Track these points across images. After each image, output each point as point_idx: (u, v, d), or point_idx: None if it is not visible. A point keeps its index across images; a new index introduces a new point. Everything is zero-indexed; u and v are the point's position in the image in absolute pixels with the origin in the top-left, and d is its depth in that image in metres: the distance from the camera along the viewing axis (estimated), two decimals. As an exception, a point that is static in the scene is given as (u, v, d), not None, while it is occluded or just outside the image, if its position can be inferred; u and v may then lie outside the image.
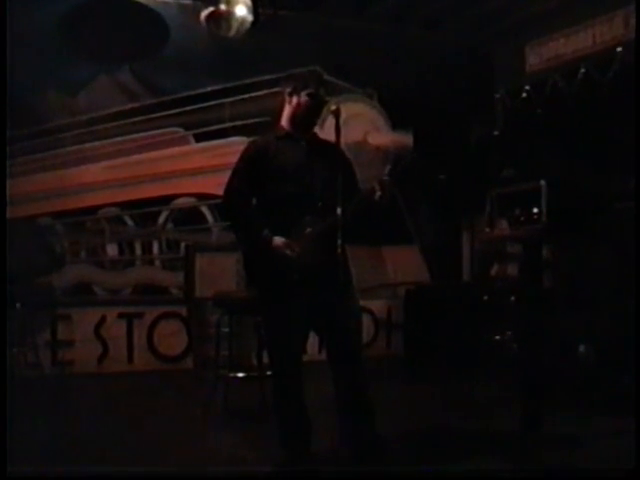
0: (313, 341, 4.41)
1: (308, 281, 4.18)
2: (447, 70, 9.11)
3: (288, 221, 4.26)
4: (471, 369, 7.42)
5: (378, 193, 4.14)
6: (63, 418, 5.86)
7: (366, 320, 8.32)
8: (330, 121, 4.33)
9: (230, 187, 4.41)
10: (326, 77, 4.81)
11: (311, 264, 4.17)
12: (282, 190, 4.29)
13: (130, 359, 8.39)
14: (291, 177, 4.30)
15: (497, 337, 7.80)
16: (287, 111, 4.44)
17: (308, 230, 4.22)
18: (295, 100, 4.37)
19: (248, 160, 4.41)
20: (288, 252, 4.18)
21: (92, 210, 8.51)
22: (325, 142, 4.45)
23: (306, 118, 4.37)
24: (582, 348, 6.73)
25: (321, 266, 4.15)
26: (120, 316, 8.38)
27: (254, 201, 4.42)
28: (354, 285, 4.47)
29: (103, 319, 8.29)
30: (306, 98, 4.34)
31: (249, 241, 4.44)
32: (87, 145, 8.43)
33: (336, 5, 8.78)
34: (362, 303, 5.22)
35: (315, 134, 4.44)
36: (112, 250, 8.69)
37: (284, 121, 4.46)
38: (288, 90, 4.41)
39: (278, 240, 4.21)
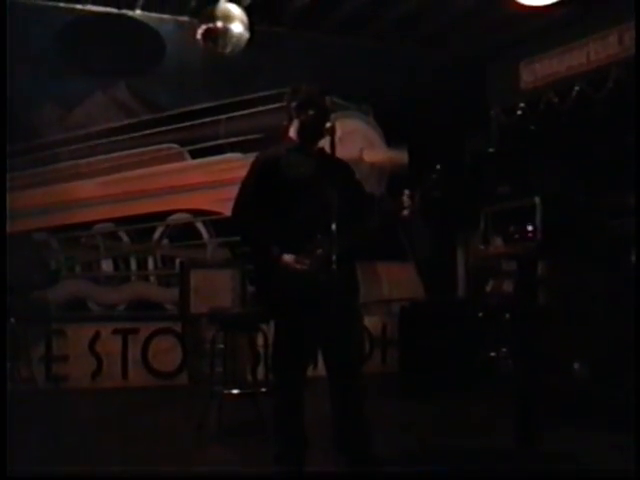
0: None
1: (317, 300, 4.11)
2: (442, 87, 9.17)
3: (300, 239, 4.19)
4: (467, 386, 7.42)
5: (406, 210, 4.12)
6: (56, 433, 5.82)
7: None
8: (325, 139, 4.29)
9: (239, 201, 4.35)
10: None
11: (321, 285, 4.08)
12: (294, 205, 4.25)
13: (124, 375, 8.35)
14: (303, 191, 4.25)
15: (492, 353, 7.80)
16: (296, 124, 4.40)
17: (319, 251, 4.12)
18: (303, 112, 4.35)
19: (258, 172, 4.35)
20: (298, 267, 4.12)
21: (87, 226, 8.47)
22: (333, 157, 4.32)
23: (314, 130, 4.31)
24: (577, 365, 6.76)
25: (331, 287, 4.03)
26: (115, 332, 8.34)
27: (264, 215, 4.32)
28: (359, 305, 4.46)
29: (97, 335, 8.26)
30: (313, 112, 4.32)
31: (258, 257, 4.40)
32: (82, 161, 8.42)
33: (332, 23, 8.82)
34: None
35: (322, 148, 4.36)
36: (107, 266, 8.63)
37: (292, 133, 4.43)
38: (295, 103, 4.39)
39: (287, 257, 4.14)
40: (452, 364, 7.66)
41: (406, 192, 4.16)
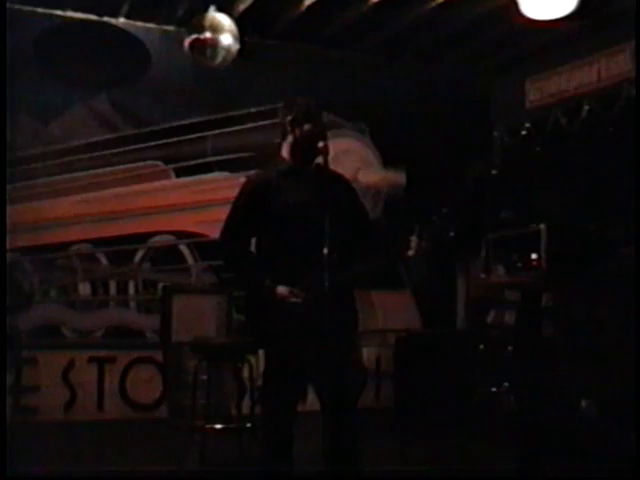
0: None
1: (309, 333, 4.02)
2: (443, 105, 9.18)
3: (293, 268, 4.10)
4: (466, 422, 7.25)
5: (412, 251, 4.20)
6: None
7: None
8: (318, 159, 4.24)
9: (227, 231, 4.28)
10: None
11: (314, 317, 3.98)
12: (287, 233, 4.15)
13: (100, 406, 8.16)
14: (297, 218, 4.15)
15: (493, 389, 7.68)
16: (289, 141, 4.31)
17: (316, 284, 3.96)
18: (298, 127, 4.25)
19: (248, 199, 4.29)
20: (292, 300, 4.01)
21: (63, 246, 8.32)
22: (330, 173, 4.27)
23: (309, 148, 4.21)
24: (583, 402, 6.54)
25: (325, 319, 3.95)
26: (90, 360, 8.16)
27: (255, 244, 4.31)
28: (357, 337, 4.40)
29: (72, 363, 8.08)
30: (309, 126, 4.22)
31: (250, 290, 4.33)
32: (60, 177, 8.29)
33: (327, 35, 8.71)
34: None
35: (318, 165, 4.23)
36: (84, 290, 8.49)
37: (285, 152, 4.33)
38: (290, 117, 4.30)
39: (281, 289, 4.07)
40: (450, 399, 7.53)
41: (414, 235, 4.30)
